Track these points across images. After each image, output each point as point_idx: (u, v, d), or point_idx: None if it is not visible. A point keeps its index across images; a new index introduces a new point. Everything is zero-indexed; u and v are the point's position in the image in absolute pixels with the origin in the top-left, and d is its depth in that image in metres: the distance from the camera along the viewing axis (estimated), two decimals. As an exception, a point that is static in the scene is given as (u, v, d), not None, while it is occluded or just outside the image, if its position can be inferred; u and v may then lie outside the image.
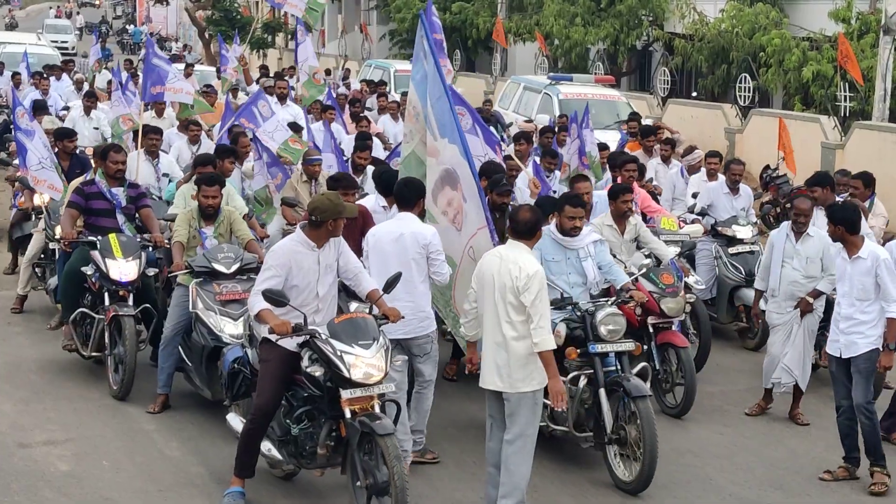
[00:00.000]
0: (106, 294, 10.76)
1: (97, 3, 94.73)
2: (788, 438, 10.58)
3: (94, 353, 11.08)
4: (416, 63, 10.34)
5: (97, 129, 18.90)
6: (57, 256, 12.45)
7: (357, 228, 10.01)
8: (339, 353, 7.84)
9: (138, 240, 11.03)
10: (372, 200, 10.88)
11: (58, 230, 11.99)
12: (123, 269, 10.66)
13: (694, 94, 31.93)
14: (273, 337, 8.14)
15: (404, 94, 25.64)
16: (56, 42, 48.55)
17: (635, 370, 9.46)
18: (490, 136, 12.27)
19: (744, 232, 13.34)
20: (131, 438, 9.87)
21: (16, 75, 24.72)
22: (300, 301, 8.21)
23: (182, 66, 28.12)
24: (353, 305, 9.37)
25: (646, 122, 21.20)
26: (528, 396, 8.12)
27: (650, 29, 33.75)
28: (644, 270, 10.80)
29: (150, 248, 11.17)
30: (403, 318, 8.58)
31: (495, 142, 12.48)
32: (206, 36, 46.77)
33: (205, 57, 46.43)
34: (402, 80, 29.21)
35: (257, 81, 26.82)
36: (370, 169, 13.27)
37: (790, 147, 17.91)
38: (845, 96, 24.34)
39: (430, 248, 9.09)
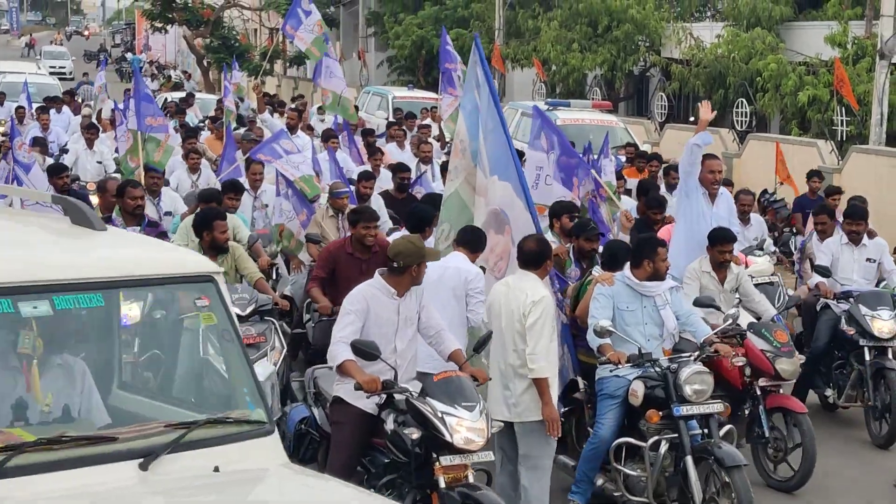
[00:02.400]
0: None
1: (86, 33, 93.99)
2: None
3: None
4: (466, 93, 9.69)
5: (100, 163, 18.24)
6: None
7: (379, 262, 9.59)
8: (440, 415, 7.00)
9: None
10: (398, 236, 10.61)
11: None
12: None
13: (691, 118, 32.00)
14: (349, 397, 7.44)
15: (404, 111, 25.84)
16: (54, 68, 48.74)
17: (721, 433, 8.49)
18: (580, 173, 11.45)
19: (760, 263, 12.59)
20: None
21: (19, 109, 23.76)
22: None
23: (183, 94, 27.71)
24: None
25: (643, 147, 21.27)
26: (537, 426, 7.97)
27: (647, 54, 33.88)
28: (753, 325, 9.68)
29: None
30: (490, 379, 7.96)
31: (582, 169, 11.74)
32: (205, 63, 46.95)
33: (203, 84, 46.59)
34: (401, 107, 29.29)
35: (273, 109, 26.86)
36: (375, 199, 13.07)
37: (787, 170, 17.96)
38: (842, 120, 24.42)
39: (470, 283, 8.53)
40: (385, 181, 15.70)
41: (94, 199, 14.80)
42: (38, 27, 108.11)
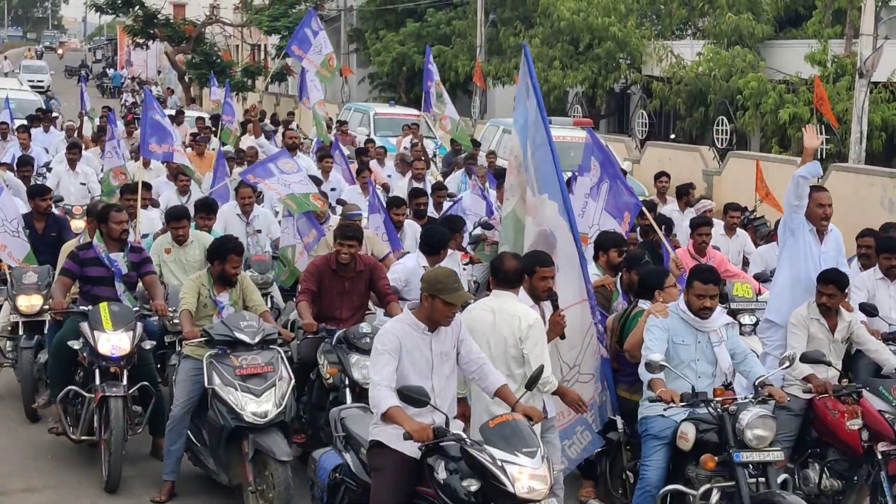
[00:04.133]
0: (96, 371, 9.43)
1: (59, 51, 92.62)
2: None
3: (84, 437, 9.70)
4: (518, 105, 9.03)
5: (84, 184, 17.31)
6: (47, 328, 11.00)
7: (363, 281, 9.65)
8: (499, 464, 6.47)
9: (136, 309, 9.84)
10: (413, 260, 10.28)
11: (21, 300, 11.13)
12: (114, 341, 9.37)
13: (672, 136, 32.11)
14: (390, 441, 6.94)
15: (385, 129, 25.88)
16: (32, 82, 48.57)
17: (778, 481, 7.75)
18: (622, 202, 10.64)
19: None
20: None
21: (1, 125, 22.78)
22: None
23: (172, 112, 26.96)
24: (353, 358, 8.99)
25: (624, 164, 21.31)
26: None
27: (628, 72, 33.99)
28: (869, 382, 8.76)
29: (154, 319, 10.19)
30: (545, 418, 7.50)
31: (633, 205, 10.87)
32: (187, 79, 46.91)
33: (185, 100, 46.55)
34: (382, 124, 29.30)
35: (243, 124, 26.67)
36: (410, 225, 12.76)
37: (766, 188, 17.97)
38: (822, 139, 24.52)
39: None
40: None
41: (80, 223, 14.58)
42: (20, 43, 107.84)
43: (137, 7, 45.72)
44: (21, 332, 11.17)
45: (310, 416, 9.59)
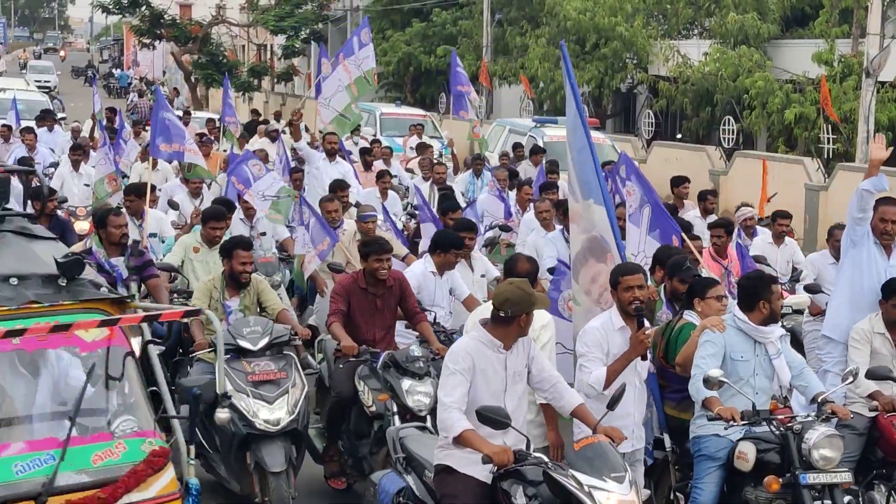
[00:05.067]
0: None
1: (62, 53, 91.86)
2: None
3: None
4: (567, 105, 8.73)
5: (87, 185, 16.67)
6: None
7: (394, 298, 9.19)
8: (586, 489, 6.21)
9: None
10: (420, 266, 9.97)
11: None
12: None
13: (678, 136, 32.08)
14: (461, 465, 6.63)
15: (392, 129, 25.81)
16: (39, 82, 48.61)
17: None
18: (669, 225, 10.12)
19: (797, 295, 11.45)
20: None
21: (3, 127, 22.51)
22: None
23: (179, 113, 26.72)
24: (406, 383, 8.47)
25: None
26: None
27: (634, 72, 33.96)
28: None
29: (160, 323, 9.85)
30: (626, 438, 7.06)
31: (674, 233, 10.35)
32: (193, 80, 46.94)
33: (191, 100, 46.57)
34: (388, 124, 29.33)
35: (249, 125, 26.52)
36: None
37: (764, 190, 17.87)
38: (829, 138, 24.50)
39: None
40: (393, 204, 15.27)
41: (84, 225, 14.47)
42: (26, 44, 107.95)
43: (144, 7, 45.73)
44: None
45: (350, 446, 9.11)
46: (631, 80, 34.84)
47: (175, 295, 10.39)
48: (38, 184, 14.69)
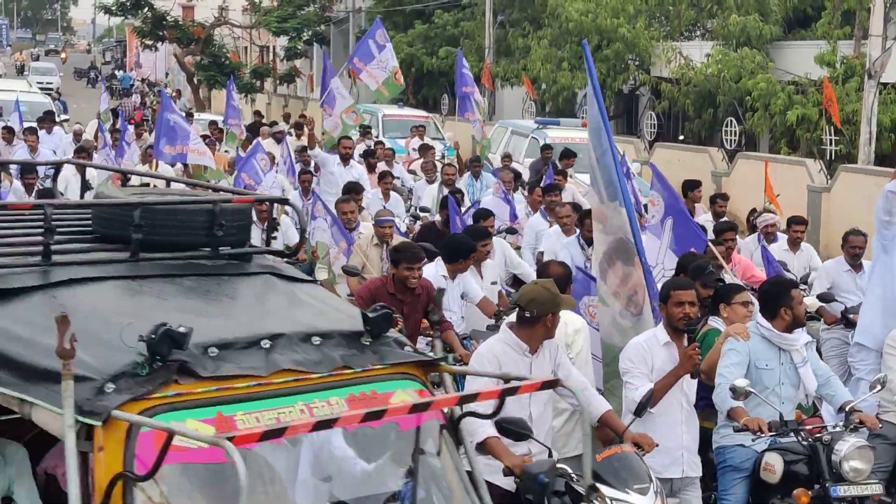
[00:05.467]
0: None
1: (62, 55, 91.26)
2: None
3: None
4: (590, 110, 8.64)
5: (92, 189, 16.76)
6: None
7: (422, 305, 8.95)
8: (609, 502, 6.14)
9: None
10: (432, 270, 9.71)
11: None
12: None
13: (681, 137, 32.06)
14: (484, 474, 6.36)
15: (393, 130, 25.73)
16: (41, 83, 48.63)
17: None
18: (692, 237, 9.90)
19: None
20: None
21: (6, 129, 22.30)
22: None
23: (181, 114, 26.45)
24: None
25: (633, 166, 21.21)
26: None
27: (637, 73, 33.94)
28: None
29: None
30: (657, 445, 6.77)
31: (701, 241, 10.13)
32: (195, 81, 46.96)
33: (193, 102, 46.60)
34: (390, 125, 29.36)
35: (252, 127, 26.50)
36: (497, 242, 12.01)
37: (770, 192, 17.87)
38: (831, 140, 24.49)
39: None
40: (396, 206, 15.10)
41: None
42: (28, 45, 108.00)
43: (146, 9, 45.78)
44: None
45: None
46: (633, 82, 34.83)
47: None
48: (41, 186, 14.61)
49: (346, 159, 16.77)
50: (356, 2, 49.71)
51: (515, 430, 5.87)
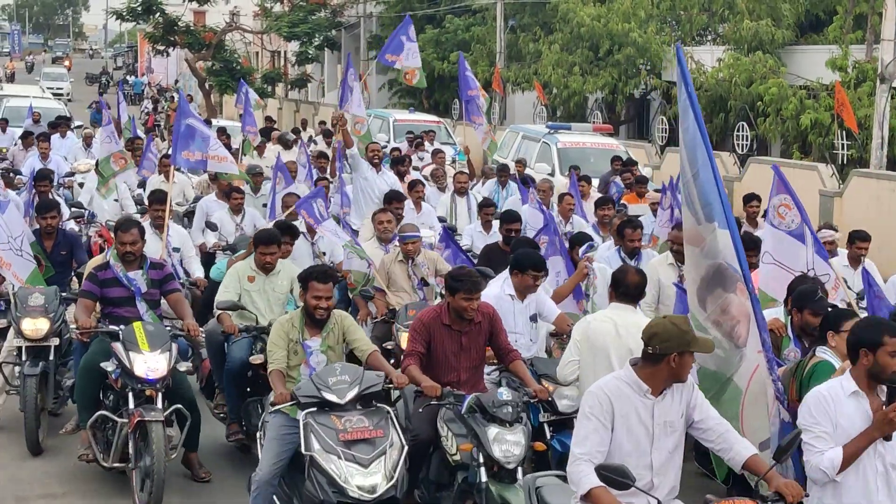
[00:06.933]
0: (130, 394, 8.76)
1: (66, 63, 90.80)
2: None
3: (115, 465, 8.98)
4: (683, 116, 7.68)
5: (117, 201, 15.75)
6: (73, 347, 10.27)
7: (483, 335, 8.26)
8: None
9: (168, 328, 9.21)
10: (496, 288, 9.06)
11: (26, 323, 10.21)
12: (151, 363, 8.71)
13: (692, 142, 32.00)
14: None
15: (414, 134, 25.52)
16: (52, 88, 48.77)
17: None
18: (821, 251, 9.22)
19: None
20: None
21: (28, 135, 22.46)
22: None
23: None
24: (492, 431, 7.41)
25: (644, 171, 21.21)
26: None
27: (648, 78, 33.93)
28: None
29: (183, 338, 9.45)
30: (806, 495, 6.00)
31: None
32: (207, 86, 47.03)
33: (205, 107, 46.67)
34: (402, 130, 29.33)
35: (263, 132, 26.43)
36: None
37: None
38: (843, 144, 24.44)
39: None
40: (427, 217, 14.39)
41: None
42: (39, 51, 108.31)
43: (158, 14, 45.87)
44: (24, 358, 10.22)
45: (428, 497, 8.20)
46: (644, 87, 34.81)
47: (245, 333, 9.52)
48: (53, 196, 14.43)
49: (375, 165, 15.84)
50: (367, 7, 49.77)
51: (616, 478, 5.53)
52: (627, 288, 7.54)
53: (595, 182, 18.98)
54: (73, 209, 15.05)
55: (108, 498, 9.24)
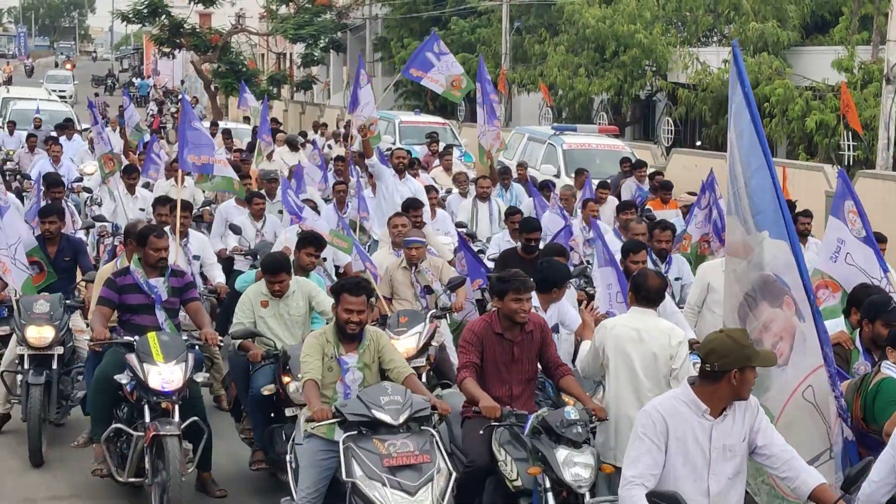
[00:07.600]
0: (145, 407, 8.51)
1: (67, 67, 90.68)
2: None
3: (131, 479, 8.70)
4: (737, 118, 7.26)
5: (143, 210, 15.22)
6: (86, 358, 10.10)
7: (535, 345, 7.85)
8: None
9: (185, 338, 8.92)
10: None
11: (30, 331, 9.99)
12: (166, 375, 8.45)
13: (698, 143, 32.02)
14: None
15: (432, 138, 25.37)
16: (56, 91, 48.85)
17: None
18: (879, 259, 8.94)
19: None
20: None
21: (31, 137, 22.50)
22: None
23: (206, 124, 25.14)
24: (562, 453, 6.99)
25: (650, 171, 21.19)
26: None
27: (653, 79, 33.91)
28: None
29: (198, 349, 9.17)
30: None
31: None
32: (213, 88, 47.08)
33: (210, 110, 46.72)
34: (407, 132, 29.37)
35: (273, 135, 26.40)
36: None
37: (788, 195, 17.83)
38: (849, 145, 24.42)
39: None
40: (442, 223, 14.27)
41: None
42: (46, 53, 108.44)
43: (164, 17, 45.92)
44: (28, 367, 9.99)
45: None
46: (650, 88, 34.80)
47: (269, 360, 9.17)
48: (66, 203, 14.21)
49: (400, 172, 15.15)
50: (372, 9, 49.81)
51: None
52: (648, 292, 7.40)
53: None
54: (98, 224, 14.95)
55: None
